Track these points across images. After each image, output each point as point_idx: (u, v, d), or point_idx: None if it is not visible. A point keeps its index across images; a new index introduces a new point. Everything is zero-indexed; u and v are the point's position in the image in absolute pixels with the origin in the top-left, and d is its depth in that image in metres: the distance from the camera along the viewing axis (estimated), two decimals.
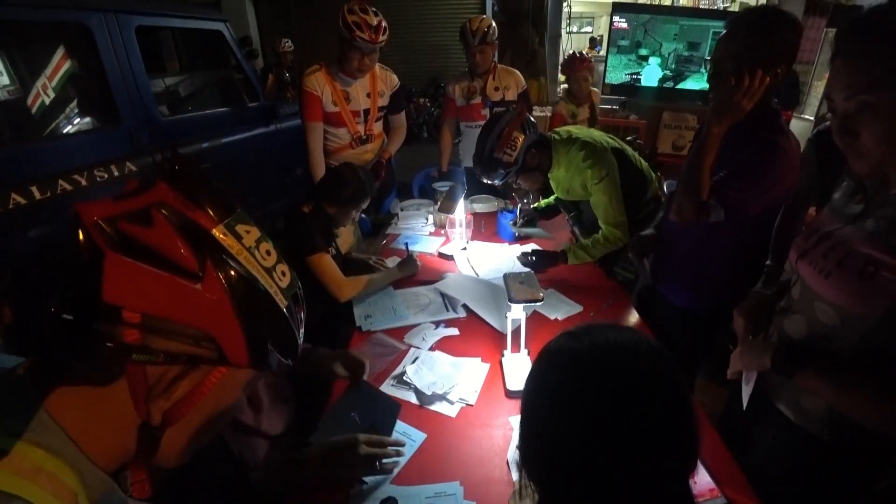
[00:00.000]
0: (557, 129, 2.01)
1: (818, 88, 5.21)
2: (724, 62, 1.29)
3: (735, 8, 8.80)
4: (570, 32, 8.99)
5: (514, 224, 2.27)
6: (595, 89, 3.50)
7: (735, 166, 1.30)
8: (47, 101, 2.60)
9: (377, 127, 2.62)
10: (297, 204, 1.90)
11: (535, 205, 2.30)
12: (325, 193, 1.86)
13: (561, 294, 1.79)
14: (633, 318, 1.69)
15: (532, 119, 1.91)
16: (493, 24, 2.74)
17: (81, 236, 0.46)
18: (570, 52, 9.65)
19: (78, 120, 2.71)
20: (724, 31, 1.32)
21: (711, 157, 1.28)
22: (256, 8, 8.19)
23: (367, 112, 2.51)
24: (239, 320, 0.49)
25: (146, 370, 0.49)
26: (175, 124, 2.95)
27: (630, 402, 0.52)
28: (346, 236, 2.19)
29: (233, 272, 0.49)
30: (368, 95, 2.49)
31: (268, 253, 0.54)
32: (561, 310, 1.70)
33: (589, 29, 11.35)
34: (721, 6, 9.00)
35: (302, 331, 0.58)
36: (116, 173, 2.52)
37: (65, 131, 2.63)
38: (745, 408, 1.08)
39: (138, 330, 0.46)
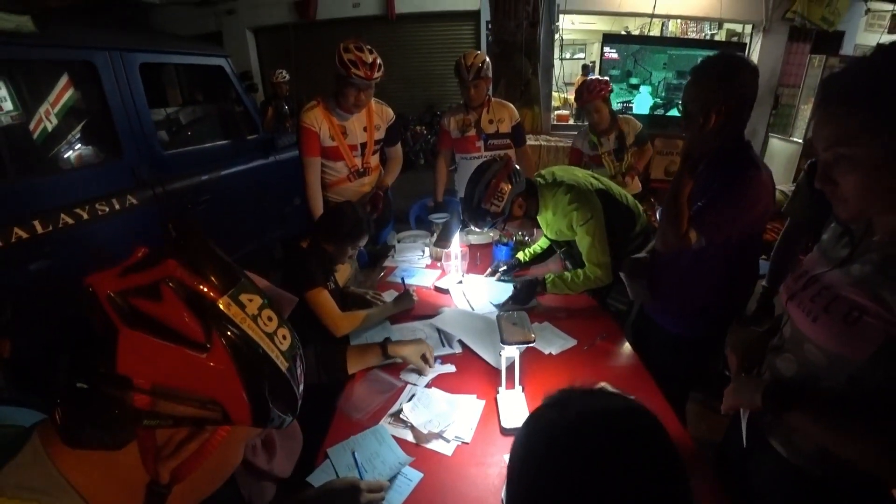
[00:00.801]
0: (542, 172, 2.07)
1: (805, 112, 5.33)
2: (692, 105, 1.41)
3: (722, 35, 9.02)
4: (562, 59, 9.22)
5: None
6: (627, 116, 3.33)
7: (711, 196, 1.41)
8: (51, 135, 2.66)
9: (374, 160, 2.68)
10: (295, 234, 1.94)
11: (520, 254, 2.32)
12: (323, 231, 1.89)
13: (555, 328, 1.82)
14: (626, 350, 1.72)
15: (518, 168, 1.97)
16: (487, 59, 2.82)
17: (95, 311, 0.49)
18: (584, 77, 9.71)
19: (81, 154, 2.76)
20: (691, 78, 1.44)
21: (687, 189, 1.40)
22: (258, 41, 8.41)
23: (364, 146, 2.57)
24: (243, 385, 0.52)
25: (155, 432, 0.52)
26: (176, 157, 3.01)
27: (613, 475, 0.50)
28: (343, 268, 2.22)
29: (238, 341, 0.52)
30: (365, 129, 2.56)
31: (269, 319, 0.57)
32: (555, 344, 1.72)
33: (582, 55, 11.59)
34: (708, 33, 9.27)
35: (301, 387, 0.61)
36: (118, 206, 2.56)
37: (68, 165, 2.68)
38: (745, 444, 1.10)
39: (149, 396, 0.48)
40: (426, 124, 7.51)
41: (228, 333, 0.52)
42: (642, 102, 5.48)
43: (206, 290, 0.52)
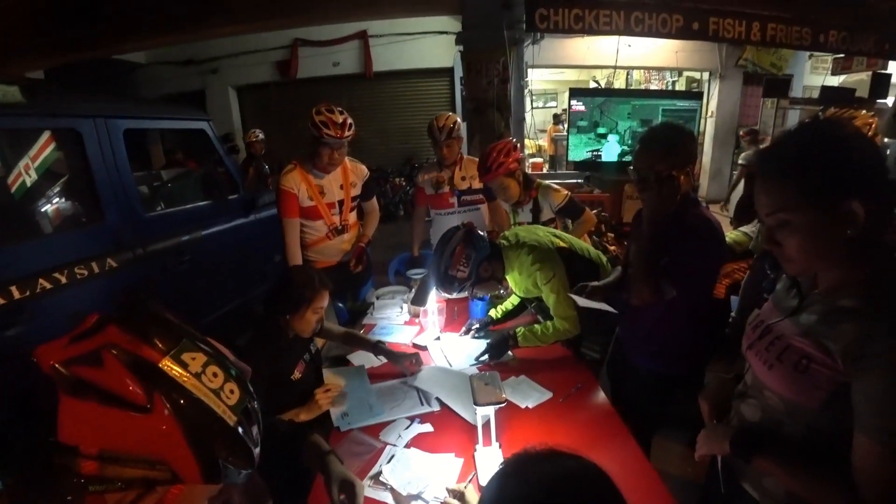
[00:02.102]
0: (506, 234, 2.17)
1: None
2: (644, 171, 1.56)
3: (682, 83, 9.62)
4: (534, 108, 9.63)
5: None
6: (548, 184, 2.74)
7: (678, 252, 1.54)
8: (33, 200, 2.69)
9: (352, 217, 2.77)
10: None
11: (492, 311, 2.36)
12: (276, 304, 1.74)
13: (531, 380, 1.87)
14: (602, 400, 1.77)
15: (482, 234, 2.06)
16: (458, 120, 2.96)
17: (43, 381, 0.52)
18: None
19: (63, 218, 2.79)
20: (640, 147, 1.61)
21: (652, 247, 1.54)
22: (240, 99, 8.68)
23: (341, 203, 2.66)
24: (188, 443, 0.53)
25: (105, 497, 0.53)
26: (157, 219, 3.05)
27: None
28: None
29: (181, 400, 0.54)
30: (342, 187, 2.66)
31: (214, 375, 0.58)
32: (532, 397, 1.76)
33: (553, 104, 12.11)
34: (669, 80, 9.85)
35: (257, 440, 0.62)
36: (97, 270, 2.57)
37: (49, 229, 2.70)
38: (722, 490, 1.15)
39: (96, 462, 0.50)
40: (405, 176, 7.76)
41: (171, 394, 0.53)
42: (610, 150, 5.75)
43: (147, 352, 0.54)
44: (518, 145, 2.69)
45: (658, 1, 4.39)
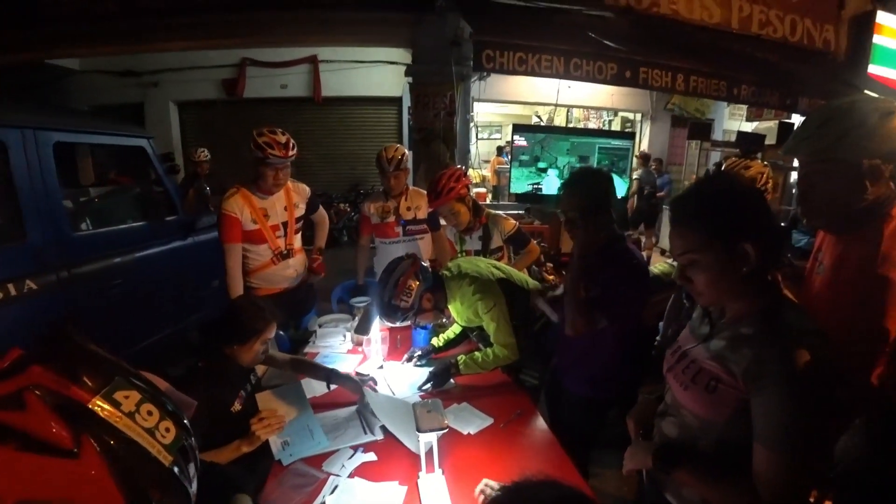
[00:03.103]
0: (449, 266, 2.25)
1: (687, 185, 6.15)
2: (569, 212, 1.76)
3: (617, 124, 10.32)
4: (479, 140, 9.96)
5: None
6: (497, 214, 2.83)
7: (608, 285, 1.69)
8: None
9: (297, 241, 2.76)
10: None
11: (434, 339, 2.40)
12: (223, 335, 1.71)
13: (473, 407, 1.92)
14: (540, 424, 1.84)
15: (425, 265, 2.13)
16: (406, 152, 3.04)
17: None
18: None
19: None
20: (565, 190, 1.81)
21: (582, 280, 1.70)
22: (181, 116, 8.35)
23: (285, 224, 2.65)
24: (119, 488, 0.50)
25: None
26: (87, 239, 2.90)
27: None
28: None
29: (112, 441, 0.50)
30: (286, 208, 2.65)
31: (149, 413, 0.55)
32: (473, 423, 1.81)
33: (498, 136, 12.53)
34: (606, 119, 10.56)
35: (193, 480, 0.60)
36: (14, 292, 2.40)
37: None
38: (645, 497, 1.27)
39: None
40: (350, 202, 7.71)
41: (101, 435, 0.50)
42: (550, 184, 6.04)
43: (75, 393, 0.51)
44: (468, 173, 2.81)
45: (595, 50, 4.74)
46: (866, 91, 6.53)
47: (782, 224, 2.94)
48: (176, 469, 0.56)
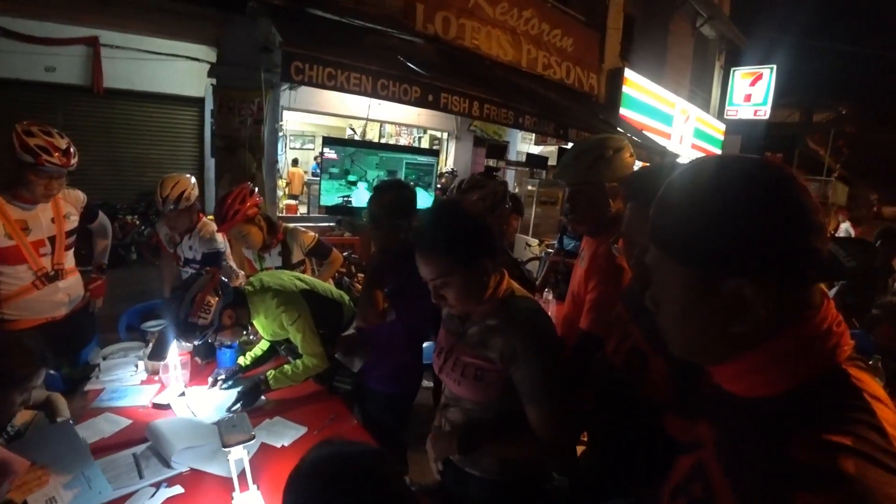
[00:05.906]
0: (251, 280, 2.20)
1: None
2: (376, 209, 2.01)
3: (426, 141, 11.09)
4: (291, 149, 9.66)
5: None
6: (295, 228, 2.82)
7: (394, 279, 1.99)
8: None
9: (68, 259, 2.37)
10: None
11: (241, 359, 2.31)
12: None
13: (286, 419, 1.92)
14: (354, 425, 1.95)
15: (224, 280, 2.04)
16: (189, 189, 2.64)
17: None
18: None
19: None
20: (375, 190, 2.06)
21: (380, 274, 2.01)
22: None
23: (52, 240, 2.25)
24: None
25: None
26: None
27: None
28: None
29: None
30: (53, 220, 2.26)
31: None
32: (287, 435, 1.82)
33: (311, 146, 12.31)
34: (416, 136, 11.25)
35: None
36: None
37: None
38: (440, 477, 1.48)
39: None
40: (139, 214, 6.57)
41: None
42: (360, 196, 6.25)
43: None
44: (256, 190, 2.65)
45: (402, 73, 5.08)
46: (618, 128, 8.39)
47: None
48: None
